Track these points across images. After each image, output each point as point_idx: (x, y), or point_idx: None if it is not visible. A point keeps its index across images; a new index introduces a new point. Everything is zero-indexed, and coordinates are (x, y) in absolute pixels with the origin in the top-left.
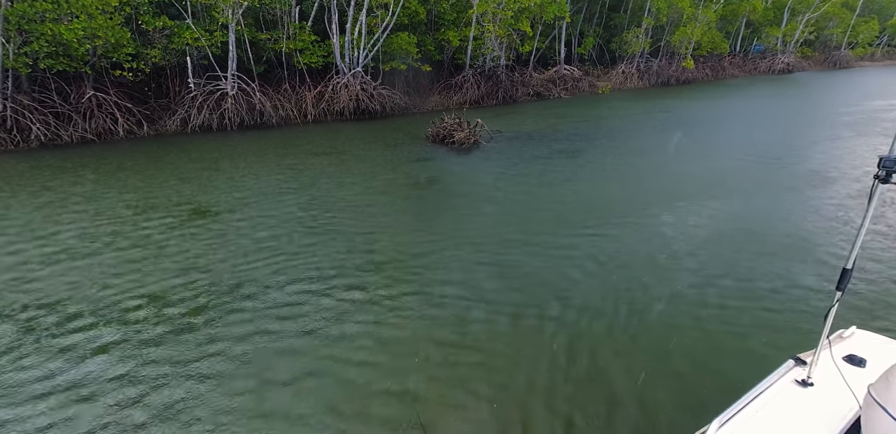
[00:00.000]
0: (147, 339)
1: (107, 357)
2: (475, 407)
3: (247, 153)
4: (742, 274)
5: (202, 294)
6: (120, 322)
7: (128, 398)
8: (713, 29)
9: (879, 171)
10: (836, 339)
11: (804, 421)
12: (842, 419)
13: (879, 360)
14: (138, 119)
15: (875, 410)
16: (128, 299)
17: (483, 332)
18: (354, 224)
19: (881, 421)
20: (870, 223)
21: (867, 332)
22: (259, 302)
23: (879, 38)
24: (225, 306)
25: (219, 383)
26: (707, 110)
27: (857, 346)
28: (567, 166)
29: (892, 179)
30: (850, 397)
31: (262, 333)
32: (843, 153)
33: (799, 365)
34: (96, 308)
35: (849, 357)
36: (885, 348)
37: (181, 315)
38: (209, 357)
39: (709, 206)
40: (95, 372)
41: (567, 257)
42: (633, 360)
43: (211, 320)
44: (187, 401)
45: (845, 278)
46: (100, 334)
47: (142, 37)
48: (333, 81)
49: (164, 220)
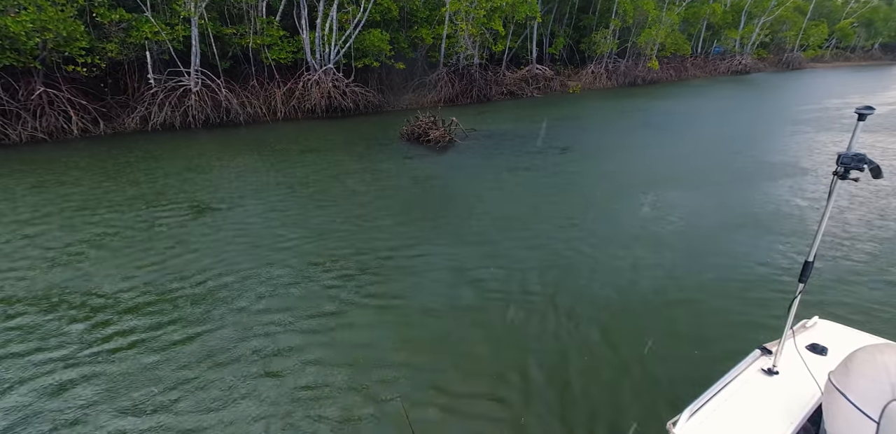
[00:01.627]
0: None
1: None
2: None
3: (212, 152)
4: (704, 266)
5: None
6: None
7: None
8: (676, 31)
9: (838, 167)
10: (800, 329)
11: (770, 408)
12: (805, 405)
13: (840, 349)
14: (94, 117)
15: (835, 396)
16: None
17: (466, 307)
18: (329, 222)
19: (840, 406)
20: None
21: (829, 321)
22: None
23: (828, 40)
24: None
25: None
26: (675, 109)
27: (819, 335)
28: (542, 163)
29: (850, 175)
30: (813, 384)
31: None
32: (813, 145)
33: (765, 354)
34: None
35: (812, 346)
36: (846, 337)
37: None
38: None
39: (686, 197)
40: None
41: (542, 247)
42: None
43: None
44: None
45: (807, 271)
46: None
47: (97, 30)
48: (304, 78)
49: (114, 229)
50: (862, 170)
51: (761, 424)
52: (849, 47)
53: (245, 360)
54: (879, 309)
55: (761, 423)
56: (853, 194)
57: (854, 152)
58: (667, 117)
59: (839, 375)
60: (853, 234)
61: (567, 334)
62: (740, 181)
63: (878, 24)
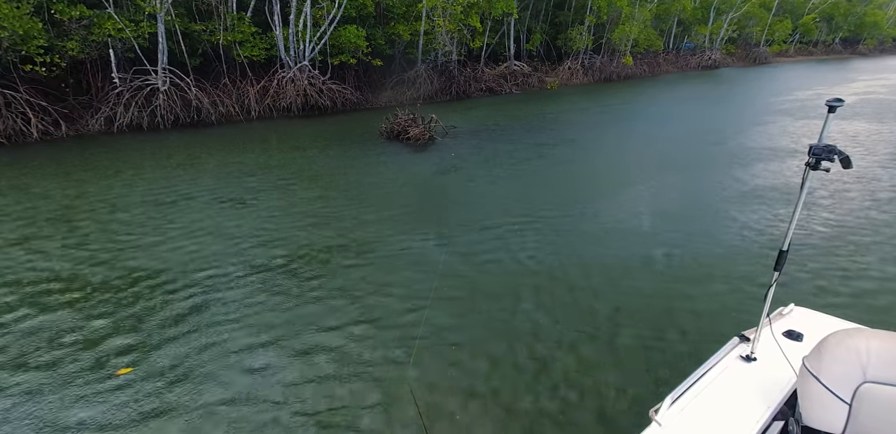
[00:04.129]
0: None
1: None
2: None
3: (180, 152)
4: (686, 252)
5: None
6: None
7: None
8: (649, 27)
9: (810, 158)
10: (777, 317)
11: (748, 393)
12: (781, 390)
13: (815, 335)
14: (55, 118)
15: (808, 380)
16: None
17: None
18: (313, 222)
19: (814, 389)
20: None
21: (805, 308)
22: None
23: (792, 35)
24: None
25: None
26: (653, 103)
27: (795, 322)
28: (523, 160)
29: (821, 166)
30: (789, 369)
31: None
32: (790, 131)
33: (743, 342)
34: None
35: (788, 332)
36: (821, 323)
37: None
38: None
39: (669, 184)
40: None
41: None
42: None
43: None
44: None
45: (782, 259)
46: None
47: (56, 28)
48: (278, 76)
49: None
50: (832, 160)
51: (740, 409)
52: (811, 42)
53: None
54: (852, 295)
55: (740, 407)
56: (825, 183)
57: (825, 143)
58: (644, 112)
59: (813, 360)
60: (827, 223)
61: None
62: (718, 169)
63: (839, 20)
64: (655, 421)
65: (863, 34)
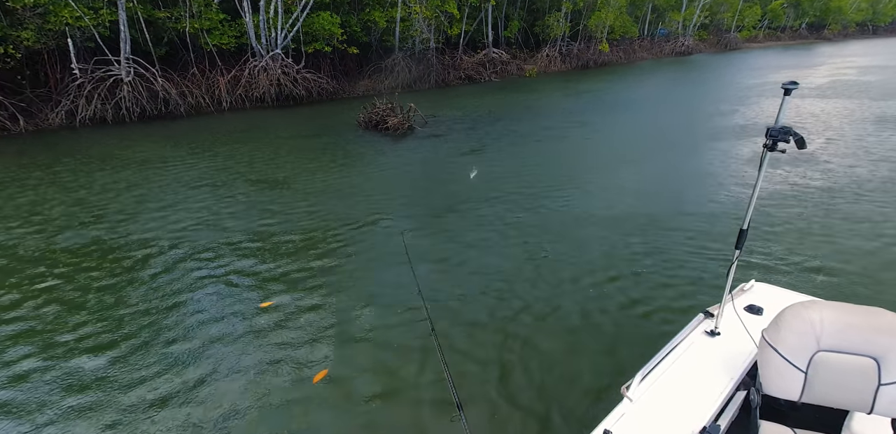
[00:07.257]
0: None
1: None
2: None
3: (143, 145)
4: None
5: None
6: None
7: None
8: (624, 13)
9: (767, 140)
10: (739, 292)
11: (712, 366)
12: (744, 362)
13: (774, 308)
14: (12, 113)
15: (767, 351)
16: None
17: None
18: (291, 217)
19: (772, 359)
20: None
21: (765, 284)
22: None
23: (761, 21)
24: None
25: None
26: (633, 89)
27: (756, 297)
28: (503, 148)
29: (778, 147)
30: (750, 342)
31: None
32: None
33: (708, 317)
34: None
35: (749, 307)
36: (780, 297)
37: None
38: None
39: (656, 165)
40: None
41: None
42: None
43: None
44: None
45: (742, 238)
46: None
47: (8, 16)
48: (250, 65)
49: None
50: (788, 141)
51: (705, 381)
52: (779, 27)
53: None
54: (809, 270)
55: (705, 380)
56: (782, 164)
57: (781, 125)
58: (623, 97)
59: (771, 332)
60: (784, 203)
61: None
62: (685, 151)
63: (805, 5)
64: (627, 397)
65: (828, 19)
